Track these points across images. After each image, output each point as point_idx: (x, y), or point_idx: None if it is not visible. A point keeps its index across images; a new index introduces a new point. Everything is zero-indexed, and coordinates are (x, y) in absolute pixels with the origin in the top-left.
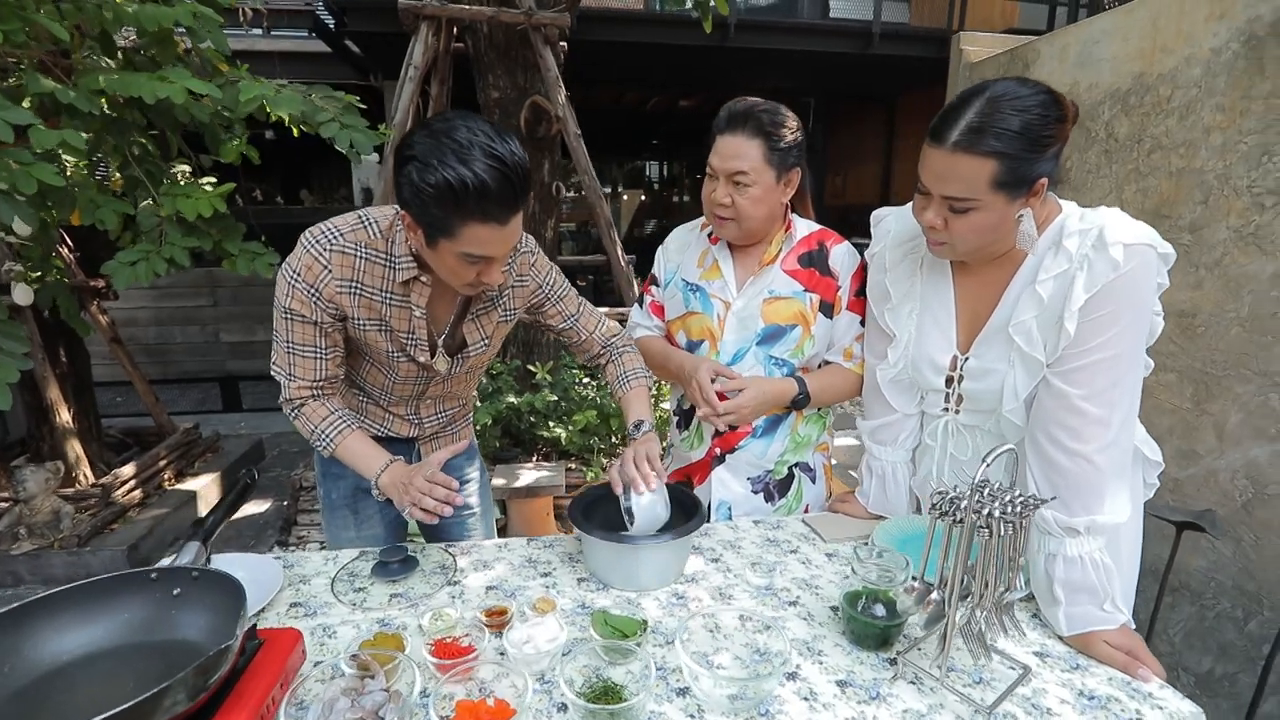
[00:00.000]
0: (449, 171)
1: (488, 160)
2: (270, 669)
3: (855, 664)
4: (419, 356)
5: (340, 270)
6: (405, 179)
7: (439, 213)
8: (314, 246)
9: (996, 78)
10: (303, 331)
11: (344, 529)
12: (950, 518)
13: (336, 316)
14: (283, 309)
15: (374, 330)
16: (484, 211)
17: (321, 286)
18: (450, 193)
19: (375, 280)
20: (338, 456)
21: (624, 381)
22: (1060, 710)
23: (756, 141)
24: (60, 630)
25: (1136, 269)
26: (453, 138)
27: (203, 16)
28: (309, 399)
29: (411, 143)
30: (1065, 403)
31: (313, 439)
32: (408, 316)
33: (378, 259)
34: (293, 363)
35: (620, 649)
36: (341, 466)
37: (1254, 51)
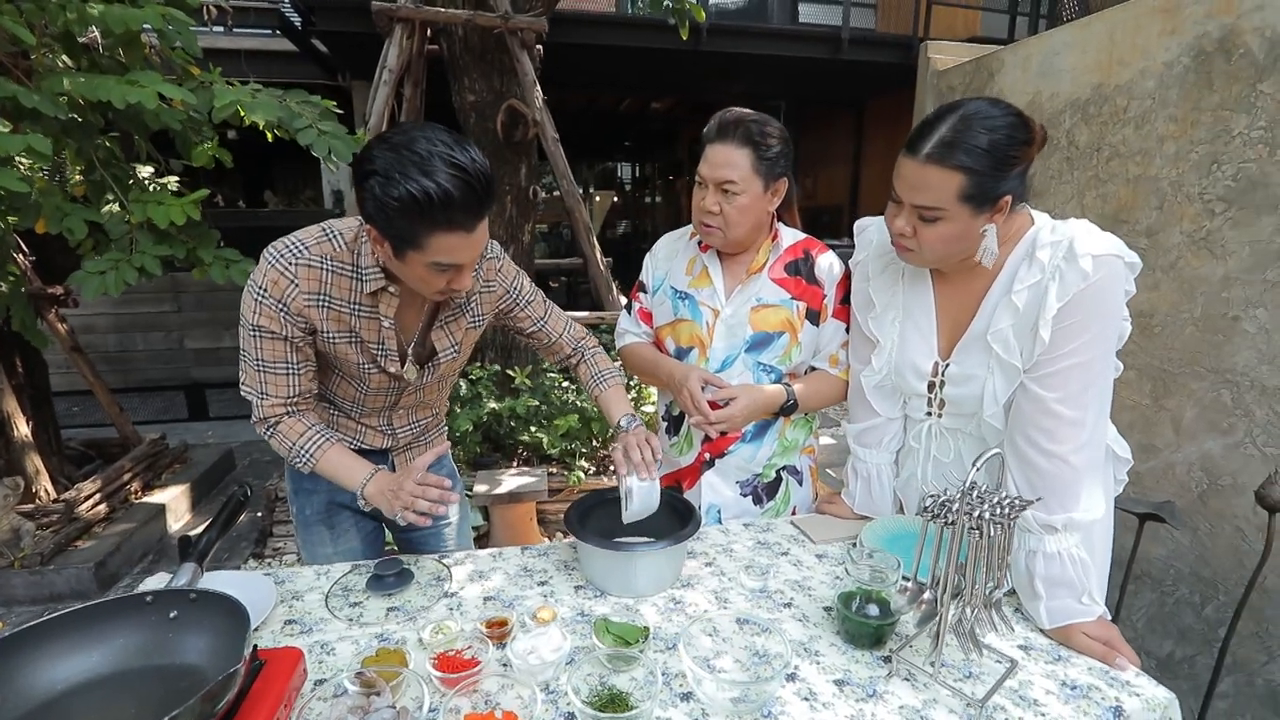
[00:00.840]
0: (412, 184)
1: (450, 170)
2: (273, 691)
3: (851, 663)
4: (389, 367)
5: (307, 284)
6: (368, 193)
7: (405, 225)
8: (279, 261)
9: (972, 96)
10: (273, 348)
11: (320, 545)
12: (942, 520)
13: (306, 330)
14: (251, 326)
15: (344, 343)
16: (450, 220)
17: (289, 301)
18: (415, 205)
19: (343, 292)
20: (319, 471)
21: (599, 381)
22: (1046, 701)
23: (745, 151)
24: (54, 658)
25: (1105, 278)
26: (413, 150)
27: (172, 18)
28: (284, 416)
29: (371, 157)
30: (1041, 406)
31: (291, 456)
32: (376, 327)
33: (344, 271)
34: (264, 381)
35: (624, 656)
36: (314, 481)
37: (1203, 66)
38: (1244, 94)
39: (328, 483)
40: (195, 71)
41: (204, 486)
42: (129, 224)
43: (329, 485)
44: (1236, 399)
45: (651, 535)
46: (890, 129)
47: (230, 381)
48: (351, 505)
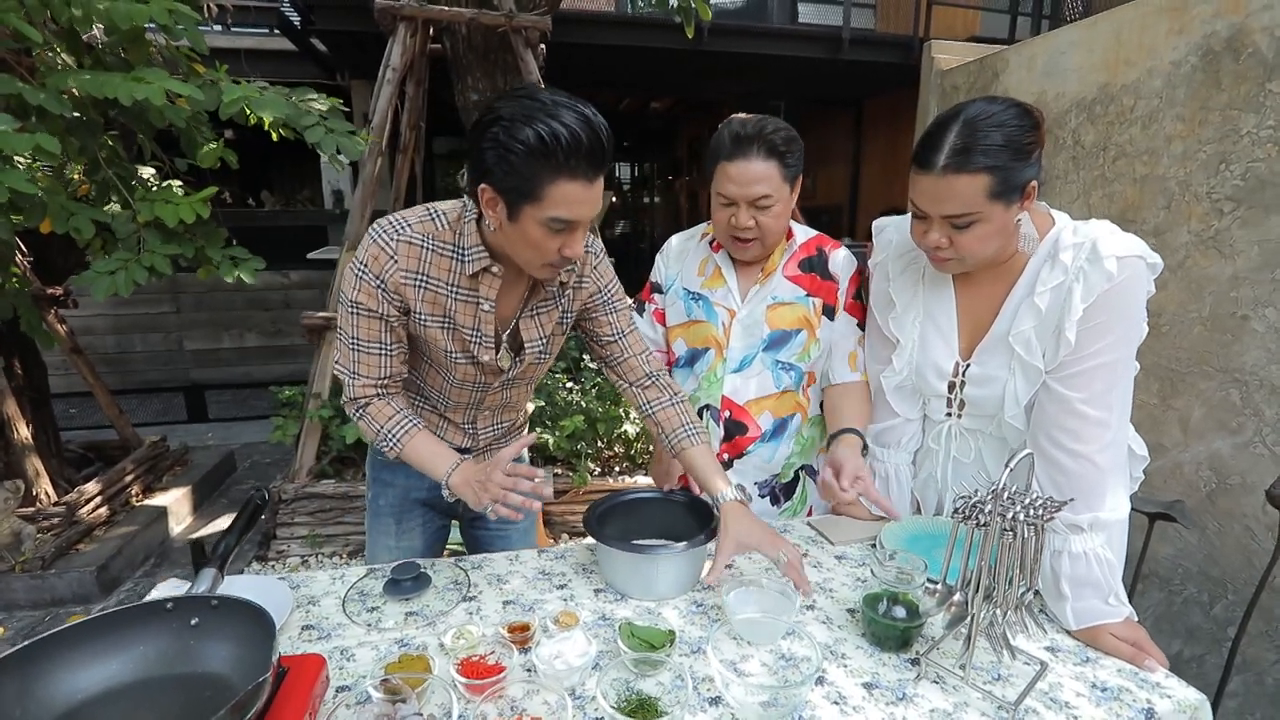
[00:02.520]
0: (540, 125)
1: (576, 115)
2: (298, 698)
3: (879, 666)
4: (483, 355)
5: (406, 261)
6: (490, 142)
7: (527, 172)
8: (380, 237)
9: (966, 100)
10: (368, 327)
11: (384, 536)
12: (974, 521)
13: (401, 309)
14: (350, 303)
15: (435, 327)
16: (573, 167)
17: (387, 277)
18: (542, 146)
19: (441, 273)
20: (404, 457)
21: (690, 433)
22: (1077, 703)
23: (772, 163)
24: (73, 668)
25: (1129, 280)
26: (537, 99)
27: (179, 14)
28: (373, 398)
29: (495, 108)
30: (1066, 407)
31: (378, 439)
32: (474, 311)
33: (445, 251)
34: (357, 360)
35: (650, 660)
36: (392, 473)
37: (1211, 65)
38: (1252, 93)
39: (405, 477)
40: (200, 69)
41: (205, 489)
42: (136, 223)
43: (405, 480)
44: (1245, 398)
45: (671, 537)
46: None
47: (230, 383)
48: (426, 502)
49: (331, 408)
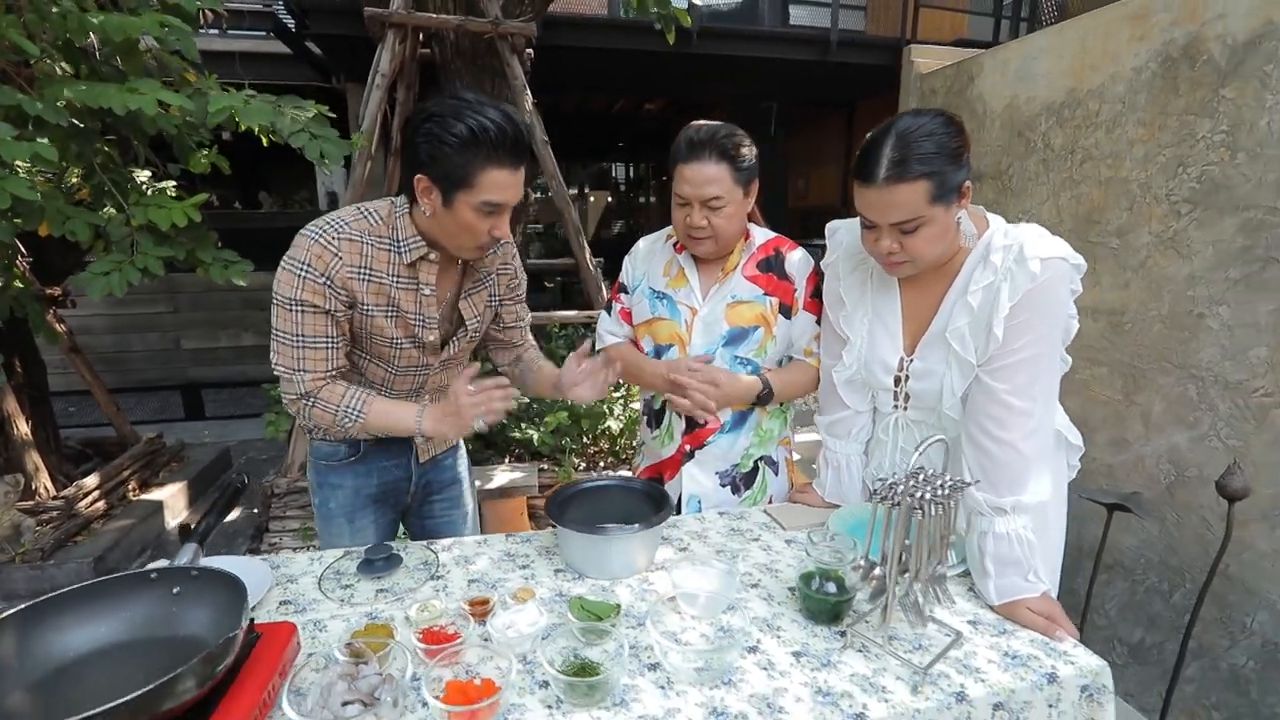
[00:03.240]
0: (470, 120)
1: (499, 112)
2: (268, 660)
3: (810, 637)
4: (428, 336)
5: (350, 257)
6: (425, 137)
7: (460, 161)
8: (321, 237)
9: (895, 116)
10: (314, 323)
11: (339, 537)
12: (889, 501)
13: (347, 304)
14: (292, 302)
15: (381, 315)
16: (500, 157)
17: (334, 274)
18: (472, 138)
19: (383, 265)
20: (368, 428)
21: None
22: (987, 669)
23: (723, 165)
24: (67, 629)
25: (1052, 279)
26: (463, 99)
27: (171, 26)
28: (324, 386)
29: (427, 108)
30: (993, 397)
31: (337, 419)
32: (415, 297)
33: (383, 245)
34: (302, 357)
35: (596, 630)
36: (340, 476)
37: (1169, 71)
38: (1207, 99)
39: (353, 477)
40: (192, 78)
41: (201, 484)
42: (130, 226)
43: (354, 480)
44: (1201, 393)
45: (627, 522)
46: None
47: (226, 381)
48: (376, 498)
49: None
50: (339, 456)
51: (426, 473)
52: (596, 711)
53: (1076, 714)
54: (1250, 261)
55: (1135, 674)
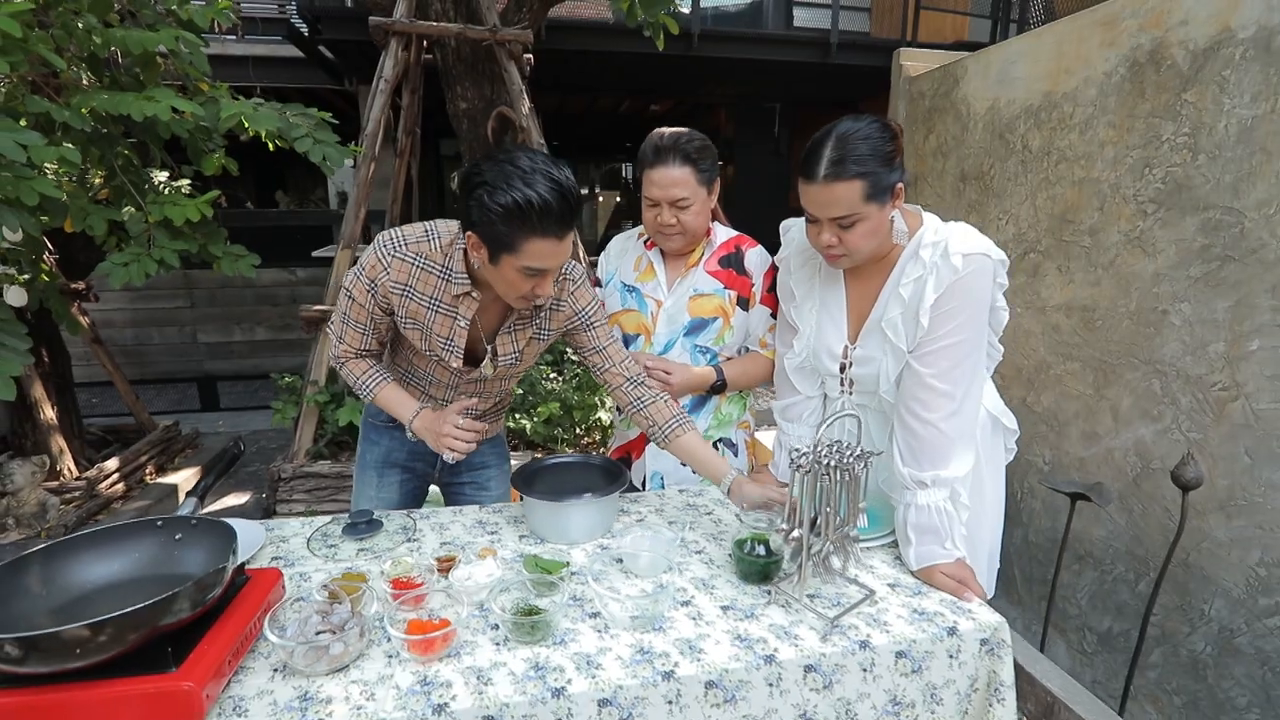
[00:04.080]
0: (516, 194)
1: (548, 183)
2: (256, 597)
3: (740, 595)
4: (452, 361)
5: (397, 274)
6: (475, 201)
7: (505, 230)
8: (380, 249)
9: (837, 121)
10: (356, 311)
11: (367, 487)
12: (803, 470)
13: (385, 310)
14: (346, 290)
15: (413, 329)
16: (544, 228)
17: (378, 283)
18: (518, 211)
19: (427, 288)
20: (377, 402)
21: (680, 423)
22: (895, 623)
23: (687, 168)
24: (84, 565)
25: (973, 273)
26: (517, 165)
27: (185, 40)
28: (351, 358)
29: (480, 170)
30: (919, 380)
31: (355, 386)
32: (450, 324)
33: (434, 269)
34: (344, 330)
35: (545, 582)
36: (378, 434)
37: (1137, 76)
38: (1171, 102)
39: (389, 439)
40: (205, 86)
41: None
42: (147, 223)
43: (389, 441)
44: (1165, 388)
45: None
46: None
47: (241, 374)
48: (403, 464)
49: (328, 393)
50: (383, 417)
51: None
52: (538, 648)
53: (977, 665)
54: (1209, 260)
55: (1104, 661)
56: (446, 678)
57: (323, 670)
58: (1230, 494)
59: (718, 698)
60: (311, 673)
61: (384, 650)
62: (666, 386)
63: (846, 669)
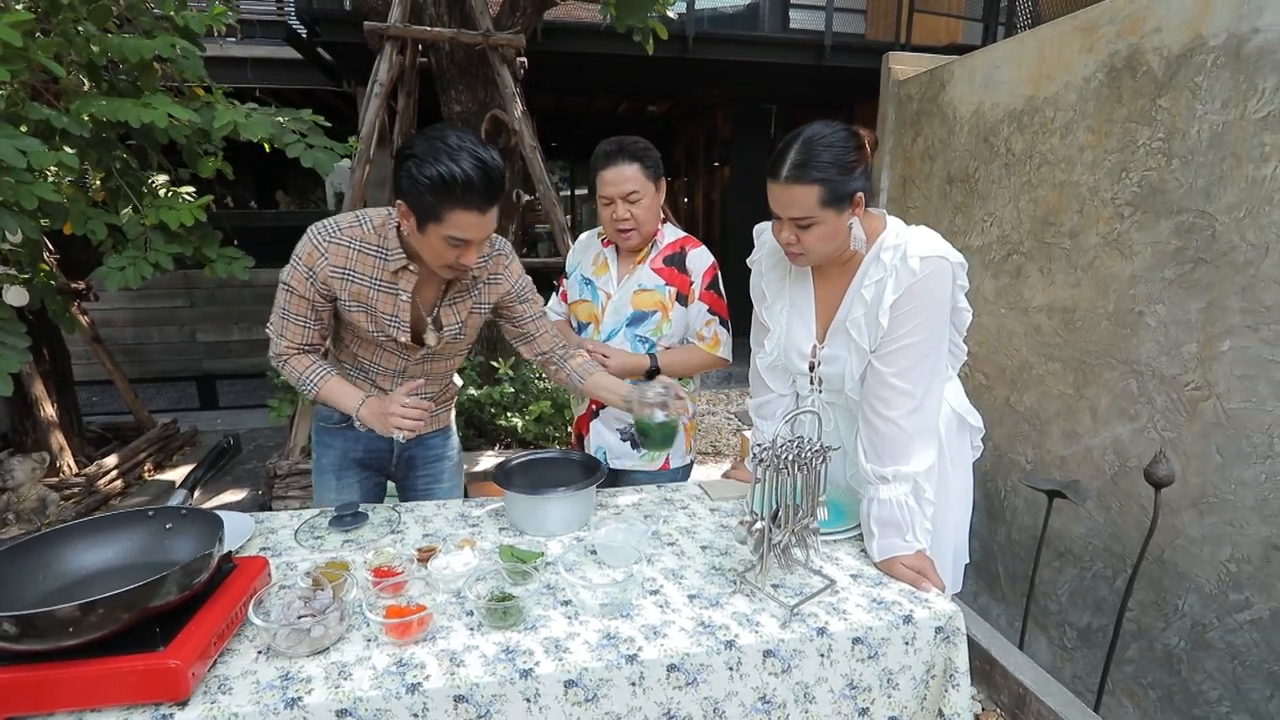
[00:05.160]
0: (442, 168)
1: (473, 160)
2: (242, 584)
3: (706, 584)
4: (400, 336)
5: (335, 259)
6: (405, 173)
7: (431, 200)
8: (315, 237)
9: (809, 124)
10: (296, 304)
11: (327, 490)
12: (764, 464)
13: (327, 296)
14: (284, 284)
15: (358, 311)
16: (467, 201)
17: (317, 270)
18: (442, 184)
19: (367, 269)
20: (320, 398)
21: (591, 369)
22: (853, 611)
23: (635, 166)
24: (78, 551)
25: (931, 275)
26: (445, 142)
27: (181, 47)
28: (294, 354)
29: (412, 144)
30: (880, 379)
31: (299, 384)
32: (393, 301)
33: (370, 251)
34: (285, 326)
35: (520, 571)
36: (332, 437)
37: (1114, 81)
38: (1146, 108)
39: (343, 440)
40: (200, 93)
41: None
42: (144, 226)
43: (344, 443)
44: (1141, 387)
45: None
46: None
47: (239, 373)
48: (361, 461)
49: None
50: (333, 420)
51: (410, 447)
52: (510, 633)
53: (933, 652)
54: (1183, 262)
55: (1084, 656)
56: (421, 660)
57: (304, 652)
58: (1202, 491)
59: (679, 680)
60: (293, 654)
61: (363, 634)
62: (604, 368)
63: (804, 654)
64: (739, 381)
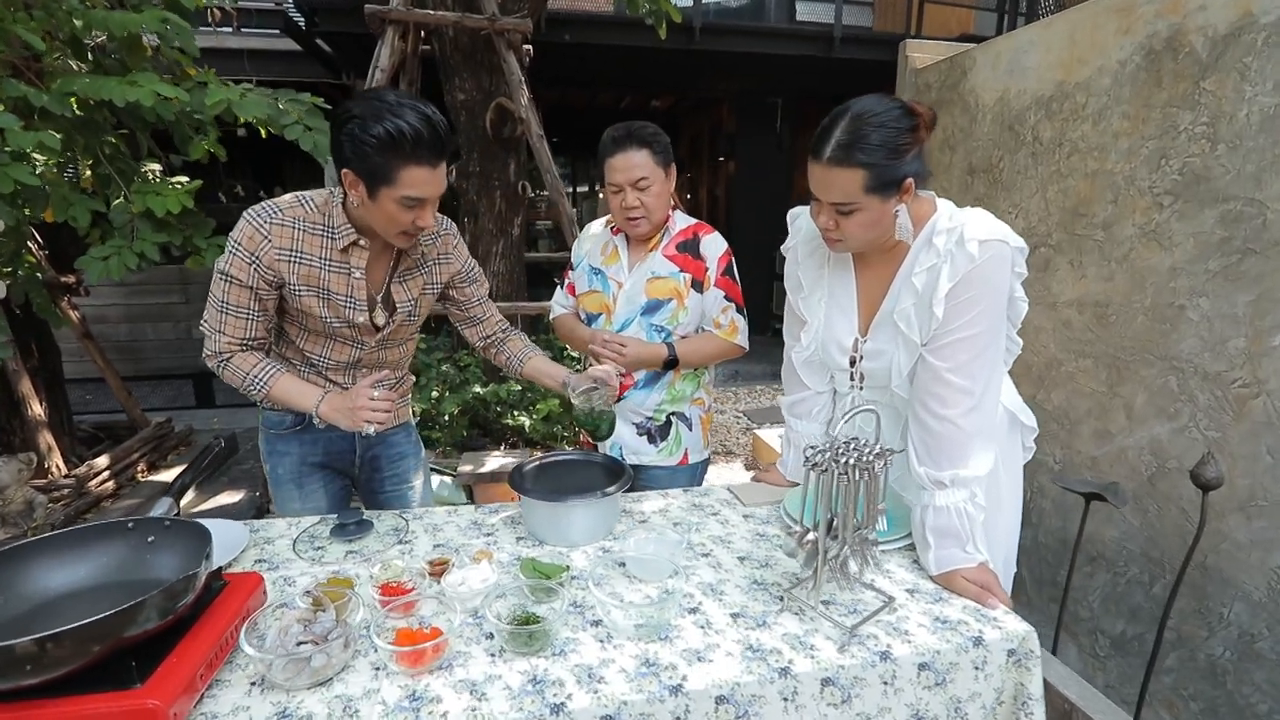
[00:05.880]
0: (388, 124)
1: (417, 114)
2: (233, 605)
3: (749, 600)
4: (357, 317)
5: (280, 240)
6: (347, 137)
7: (381, 160)
8: (255, 219)
9: (861, 96)
10: (237, 294)
11: (289, 501)
12: (820, 469)
13: (273, 284)
14: (221, 273)
15: (309, 296)
16: (417, 156)
17: (261, 255)
18: (390, 141)
19: (314, 249)
20: (272, 398)
21: (531, 350)
22: (916, 632)
23: (644, 151)
24: (47, 570)
25: (990, 260)
26: (384, 100)
27: (172, 22)
28: (236, 352)
29: (349, 107)
30: (935, 375)
31: (245, 385)
32: (346, 280)
33: (316, 231)
34: (224, 321)
35: (544, 588)
36: (285, 443)
37: (1153, 64)
38: (1189, 91)
39: (299, 445)
40: (192, 72)
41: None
42: (130, 213)
43: (300, 447)
44: (1182, 384)
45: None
46: None
47: None
48: (323, 464)
49: None
50: (285, 425)
51: (372, 446)
52: (536, 660)
53: (1004, 677)
54: (1229, 253)
55: (1117, 665)
56: (437, 692)
57: (304, 684)
58: (1251, 494)
59: (729, 714)
60: (292, 687)
61: (370, 661)
62: (620, 359)
63: (866, 682)
64: (746, 379)
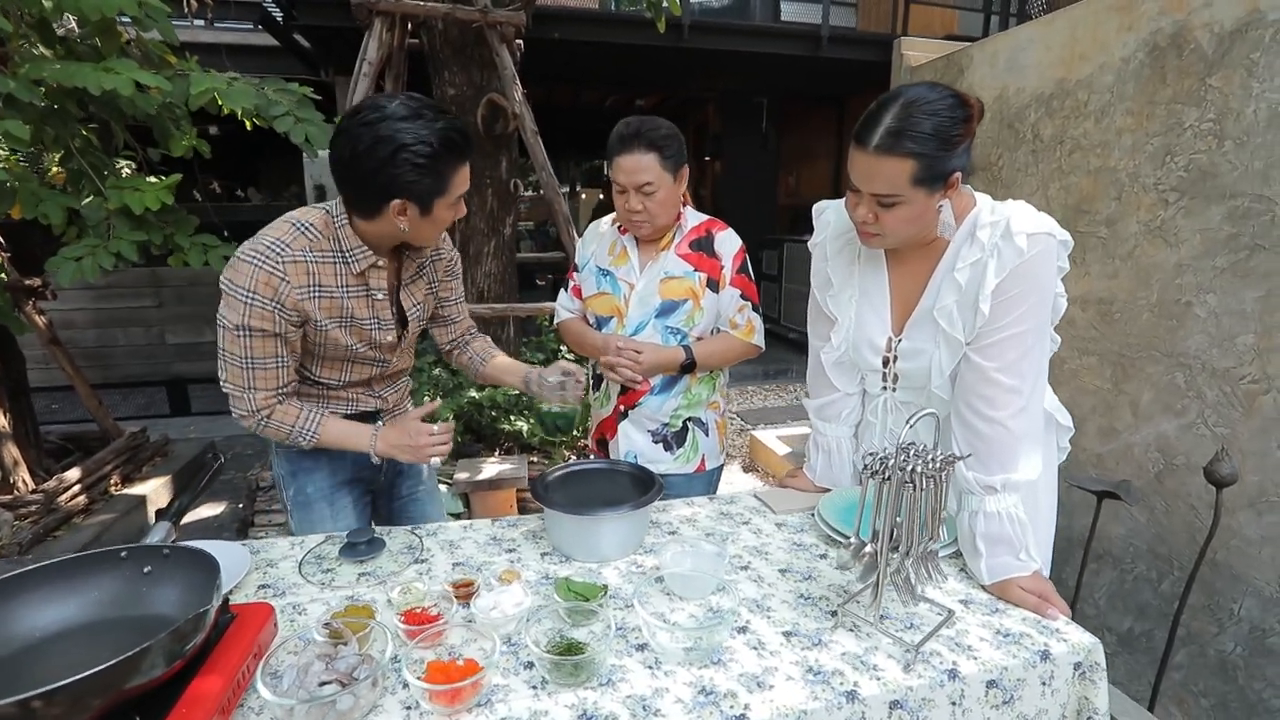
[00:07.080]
0: (438, 135)
1: (440, 117)
2: (243, 640)
3: (800, 617)
4: (385, 338)
5: (297, 279)
6: (404, 165)
7: (445, 170)
8: (263, 261)
9: (911, 83)
10: (263, 346)
11: (320, 523)
12: (880, 476)
13: (297, 324)
14: (240, 328)
15: (335, 328)
16: (464, 153)
17: (283, 298)
18: (454, 146)
19: (331, 279)
20: (323, 444)
21: (493, 350)
22: (979, 647)
23: (651, 155)
24: (33, 607)
25: (1039, 254)
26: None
27: (148, 6)
28: (275, 406)
29: (392, 137)
30: (982, 375)
31: (292, 437)
32: (368, 302)
33: (328, 258)
34: (253, 377)
35: (582, 610)
36: (314, 460)
37: (1157, 61)
38: (1194, 88)
39: (328, 460)
40: (172, 60)
41: (185, 478)
42: (106, 211)
43: (329, 463)
44: (1189, 381)
45: (615, 503)
46: None
47: (212, 376)
48: (352, 479)
49: None
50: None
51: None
52: (583, 692)
53: (1070, 691)
54: (1237, 249)
55: (1125, 662)
56: None
57: None
58: (1261, 490)
59: None
60: None
61: (399, 700)
62: (636, 365)
63: (934, 703)
64: (738, 380)
